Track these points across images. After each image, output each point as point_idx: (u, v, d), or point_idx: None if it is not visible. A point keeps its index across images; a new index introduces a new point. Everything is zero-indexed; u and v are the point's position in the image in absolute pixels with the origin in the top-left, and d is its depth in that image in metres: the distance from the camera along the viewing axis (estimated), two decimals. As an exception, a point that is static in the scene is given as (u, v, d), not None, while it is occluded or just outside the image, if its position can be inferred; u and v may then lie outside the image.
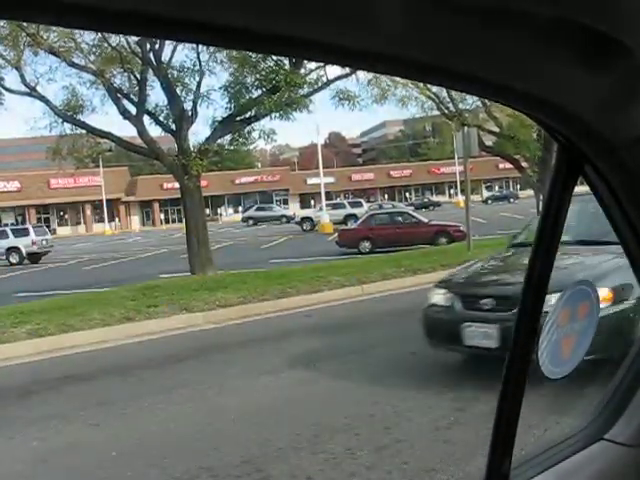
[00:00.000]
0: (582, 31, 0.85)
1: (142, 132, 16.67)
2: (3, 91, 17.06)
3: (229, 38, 0.77)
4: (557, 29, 0.85)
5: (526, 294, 1.21)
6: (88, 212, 69.03)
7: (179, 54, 16.41)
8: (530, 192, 31.49)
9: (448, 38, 0.84)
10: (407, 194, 77.20)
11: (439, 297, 7.66)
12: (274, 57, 14.55)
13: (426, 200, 67.91)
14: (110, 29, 0.75)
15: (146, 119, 16.90)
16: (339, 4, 0.75)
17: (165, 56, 16.41)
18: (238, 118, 16.88)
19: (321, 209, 42.93)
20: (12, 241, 33.10)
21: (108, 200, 63.47)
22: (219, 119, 17.00)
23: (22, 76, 16.32)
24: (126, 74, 16.71)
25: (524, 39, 0.87)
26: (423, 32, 0.82)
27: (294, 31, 0.76)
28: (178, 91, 16.59)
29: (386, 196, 73.95)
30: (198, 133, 69.77)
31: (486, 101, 20.59)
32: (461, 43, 0.85)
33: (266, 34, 0.75)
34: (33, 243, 33.04)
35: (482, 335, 6.79)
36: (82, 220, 69.86)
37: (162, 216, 69.54)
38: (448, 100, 23.85)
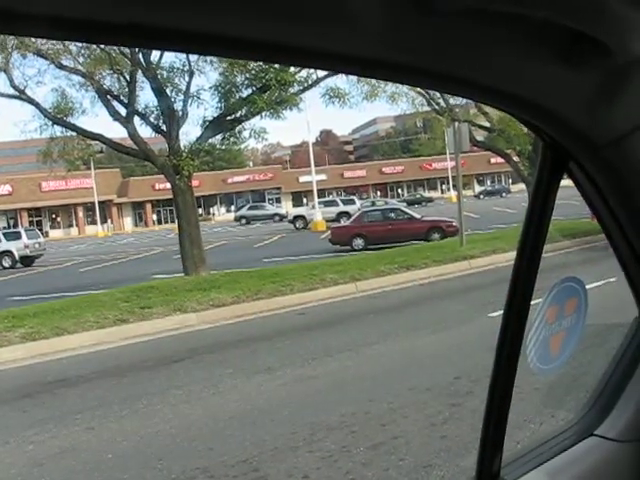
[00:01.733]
0: (565, 32, 0.86)
1: (132, 133, 16.62)
2: (-8, 94, 17.00)
3: (202, 46, 0.77)
4: (540, 31, 0.86)
5: (513, 291, 1.22)
6: (80, 214, 68.78)
7: (168, 55, 16.33)
8: (522, 186, 31.55)
9: (432, 41, 0.84)
10: (399, 190, 77.19)
11: None
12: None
13: (418, 196, 67.90)
14: (104, 41, 0.75)
15: (136, 120, 16.86)
16: (323, 8, 0.75)
17: (154, 57, 16.37)
18: (229, 117, 16.84)
19: (314, 207, 42.88)
20: (4, 245, 32.97)
21: (100, 202, 63.26)
22: (210, 119, 16.97)
23: (10, 79, 16.25)
24: (115, 75, 16.64)
25: (507, 41, 0.87)
26: (408, 35, 0.82)
27: (278, 37, 0.76)
28: (168, 91, 16.54)
29: (378, 193, 73.96)
30: (189, 133, 69.53)
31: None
32: (445, 46, 0.86)
33: (250, 41, 0.75)
34: (25, 246, 32.91)
35: None
36: (74, 222, 69.61)
37: (154, 217, 69.37)
38: (438, 96, 23.85)
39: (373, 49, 0.83)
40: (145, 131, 17.37)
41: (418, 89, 22.62)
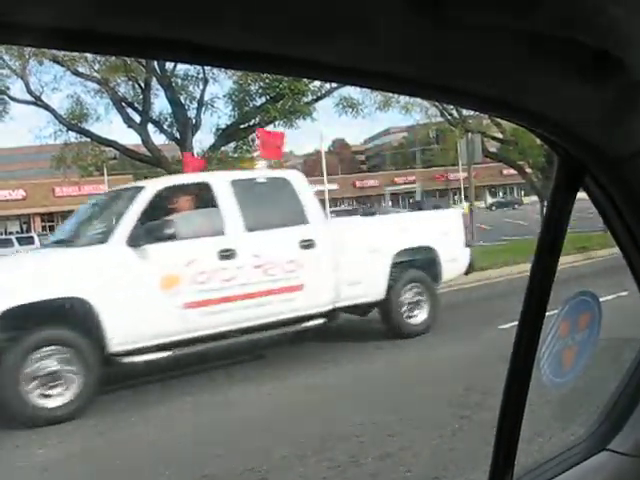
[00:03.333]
0: (580, 47, 0.86)
1: (146, 140, 16.71)
2: (9, 100, 17.17)
3: (203, 57, 0.78)
4: (557, 47, 0.86)
5: (528, 305, 1.22)
6: (93, 220, 69.04)
7: (183, 62, 16.36)
8: (534, 198, 31.43)
9: (446, 54, 0.84)
10: (411, 201, 77.03)
11: None
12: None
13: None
14: (105, 51, 0.75)
15: (150, 127, 16.96)
16: (330, 21, 0.75)
17: (169, 65, 16.46)
18: (242, 126, 16.92)
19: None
20: (17, 249, 33.17)
21: (113, 208, 63.48)
22: (223, 127, 17.05)
23: (27, 85, 16.40)
24: (130, 82, 16.76)
25: (522, 55, 0.88)
26: (420, 48, 0.82)
27: (281, 49, 0.76)
28: (182, 99, 16.63)
29: (390, 203, 73.83)
30: (202, 141, 69.79)
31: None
32: (459, 59, 0.86)
33: (252, 53, 0.75)
34: (38, 251, 33.07)
35: None
36: (87, 228, 69.86)
37: (166, 223, 69.56)
38: (452, 107, 23.84)
39: (383, 62, 0.83)
40: (158, 138, 17.49)
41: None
